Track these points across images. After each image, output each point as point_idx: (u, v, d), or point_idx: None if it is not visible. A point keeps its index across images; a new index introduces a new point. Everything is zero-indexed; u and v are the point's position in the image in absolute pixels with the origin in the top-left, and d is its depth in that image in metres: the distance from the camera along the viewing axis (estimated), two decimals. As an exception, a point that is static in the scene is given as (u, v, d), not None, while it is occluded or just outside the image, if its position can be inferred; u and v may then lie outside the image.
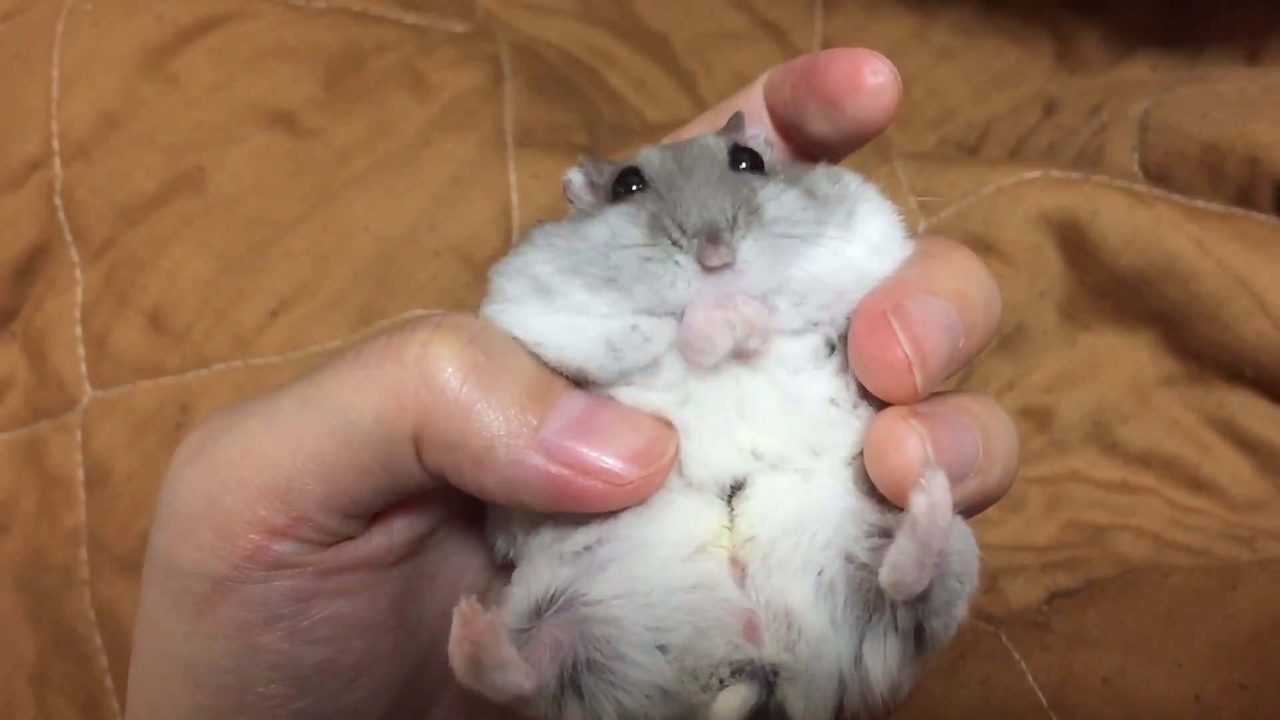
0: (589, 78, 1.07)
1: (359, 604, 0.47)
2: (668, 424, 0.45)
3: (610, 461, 0.43)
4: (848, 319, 0.46)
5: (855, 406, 0.46)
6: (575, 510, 0.45)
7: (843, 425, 0.46)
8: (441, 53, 0.96)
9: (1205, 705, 0.66)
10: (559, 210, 0.89)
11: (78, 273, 0.89)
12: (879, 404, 0.46)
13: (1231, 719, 0.65)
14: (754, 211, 0.44)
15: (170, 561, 0.45)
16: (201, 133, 0.90)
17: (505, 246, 0.88)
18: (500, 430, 0.42)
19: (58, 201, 0.89)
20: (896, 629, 0.44)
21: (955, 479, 0.43)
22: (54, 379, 0.87)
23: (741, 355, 0.45)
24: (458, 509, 0.50)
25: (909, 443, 0.43)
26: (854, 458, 0.46)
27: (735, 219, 0.43)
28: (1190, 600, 0.72)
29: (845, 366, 0.46)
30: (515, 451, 0.42)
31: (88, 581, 0.84)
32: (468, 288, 0.88)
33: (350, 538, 0.46)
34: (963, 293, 0.45)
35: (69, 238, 0.89)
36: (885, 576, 0.41)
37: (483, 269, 0.88)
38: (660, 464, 0.44)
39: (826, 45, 1.16)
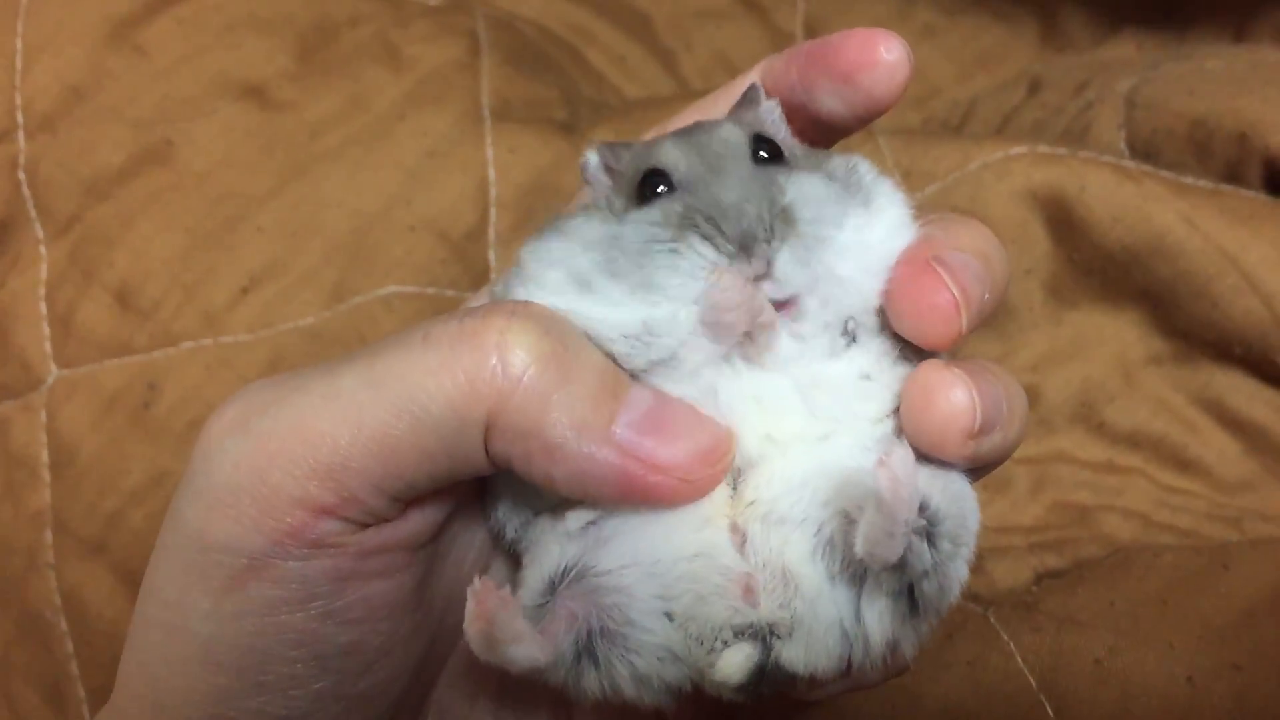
0: (568, 54, 1.05)
1: (390, 586, 0.47)
2: (724, 425, 0.46)
3: (680, 458, 0.44)
4: (870, 310, 0.47)
5: (891, 371, 0.47)
6: (638, 505, 0.45)
7: (872, 397, 0.47)
8: (417, 26, 0.95)
9: (1198, 686, 0.65)
10: (537, 185, 0.89)
11: (42, 249, 0.87)
12: (911, 366, 0.47)
13: (1224, 700, 0.64)
14: (788, 221, 0.45)
15: (202, 535, 0.43)
16: (170, 105, 0.88)
17: (482, 222, 0.87)
18: (575, 421, 0.43)
19: (21, 176, 0.87)
20: (885, 590, 0.45)
21: (988, 429, 0.44)
22: (18, 358, 0.85)
23: (754, 339, 0.45)
24: (470, 490, 0.50)
25: (956, 390, 0.44)
26: (876, 421, 0.47)
27: (771, 227, 0.44)
28: (1182, 580, 0.71)
29: (874, 345, 0.47)
30: (588, 444, 0.43)
31: (53, 565, 0.82)
32: (443, 264, 0.87)
33: (388, 520, 0.45)
34: (985, 252, 0.47)
35: (33, 213, 0.87)
36: (859, 547, 0.42)
37: (459, 245, 0.87)
38: (724, 463, 0.45)
39: (809, 24, 1.15)
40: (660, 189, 0.48)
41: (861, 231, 0.47)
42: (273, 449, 0.43)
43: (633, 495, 0.44)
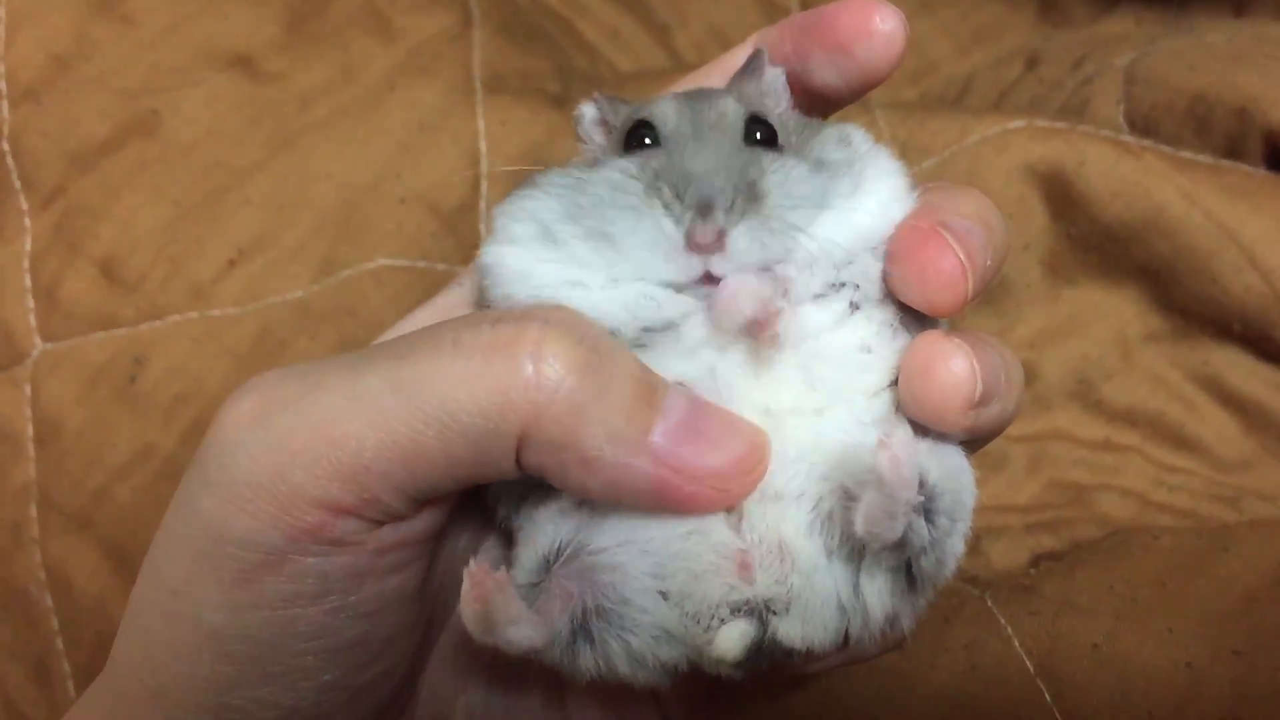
0: (560, 26, 1.04)
1: (403, 579, 0.46)
2: (760, 429, 0.45)
3: (717, 467, 0.43)
4: (872, 280, 0.47)
5: (890, 344, 0.47)
6: (673, 513, 0.45)
7: (871, 369, 0.47)
8: (407, -4, 0.93)
9: (1197, 672, 0.64)
10: (529, 158, 0.87)
11: (27, 220, 0.85)
12: (910, 337, 0.46)
13: (1224, 686, 0.63)
14: (755, 198, 0.44)
15: (217, 526, 0.43)
16: (156, 75, 0.87)
17: (473, 194, 0.86)
18: (611, 433, 0.42)
19: (5, 146, 0.86)
20: (884, 566, 0.45)
21: (987, 399, 0.44)
22: (2, 331, 0.84)
23: (756, 334, 0.45)
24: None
25: (957, 359, 0.43)
26: (875, 394, 0.47)
27: (734, 202, 0.43)
28: (1181, 563, 0.70)
29: (876, 314, 0.47)
30: (624, 455, 0.42)
31: (37, 540, 0.81)
32: (433, 237, 0.86)
33: (405, 518, 0.45)
34: (987, 219, 0.46)
35: (17, 184, 0.86)
36: (859, 527, 0.42)
37: (450, 218, 0.86)
38: (760, 469, 0.45)
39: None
40: (646, 141, 0.47)
41: (849, 210, 0.47)
42: (295, 448, 0.42)
43: (668, 504, 0.43)
